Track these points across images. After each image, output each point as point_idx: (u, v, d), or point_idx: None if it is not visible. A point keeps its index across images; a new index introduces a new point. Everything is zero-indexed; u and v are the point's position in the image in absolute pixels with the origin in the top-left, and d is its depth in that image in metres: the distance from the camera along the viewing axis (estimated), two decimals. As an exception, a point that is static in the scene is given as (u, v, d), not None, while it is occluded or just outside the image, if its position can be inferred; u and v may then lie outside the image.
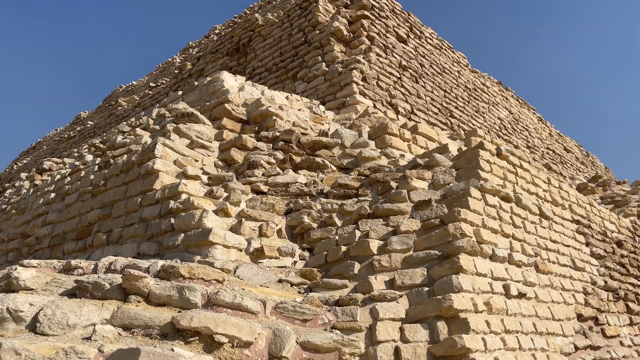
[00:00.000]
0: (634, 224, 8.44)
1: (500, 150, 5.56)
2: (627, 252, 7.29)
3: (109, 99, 19.45)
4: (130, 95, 18.04)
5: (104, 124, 15.81)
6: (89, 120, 18.30)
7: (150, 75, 20.82)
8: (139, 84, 19.87)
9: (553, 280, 5.02)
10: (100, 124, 16.15)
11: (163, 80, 16.64)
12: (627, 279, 6.74)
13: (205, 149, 6.13)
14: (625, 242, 7.42)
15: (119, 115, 15.34)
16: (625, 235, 7.64)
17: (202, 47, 15.74)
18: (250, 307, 3.29)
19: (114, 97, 19.56)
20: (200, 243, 4.31)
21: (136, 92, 18.64)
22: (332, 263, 4.58)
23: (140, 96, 15.59)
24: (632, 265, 7.11)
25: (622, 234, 7.54)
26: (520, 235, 4.95)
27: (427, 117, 10.17)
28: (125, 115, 14.98)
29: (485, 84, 13.71)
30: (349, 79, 8.88)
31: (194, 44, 19.63)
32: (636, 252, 7.65)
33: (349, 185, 5.65)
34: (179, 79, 13.81)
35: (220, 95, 7.02)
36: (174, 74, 14.75)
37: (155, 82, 17.44)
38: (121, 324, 2.98)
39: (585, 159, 18.32)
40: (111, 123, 15.33)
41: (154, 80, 18.75)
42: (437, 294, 3.79)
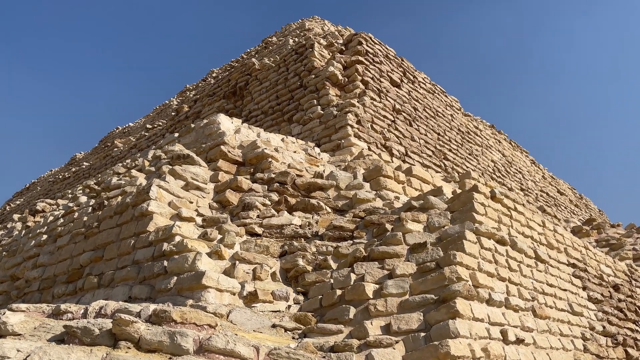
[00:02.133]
0: (630, 268, 8.41)
1: (494, 193, 5.60)
2: (624, 297, 7.23)
3: (105, 140, 19.57)
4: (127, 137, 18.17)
5: (99, 165, 15.83)
6: (84, 161, 18.33)
7: (147, 117, 21.05)
8: (136, 126, 20.06)
9: (551, 326, 4.95)
10: (95, 165, 16.18)
11: (160, 122, 16.81)
12: (625, 324, 6.65)
13: (201, 190, 6.13)
14: (622, 286, 7.36)
15: (114, 156, 15.40)
16: (622, 279, 7.60)
17: (200, 90, 16.01)
18: (243, 354, 3.20)
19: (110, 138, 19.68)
20: (193, 286, 4.24)
21: (133, 133, 18.78)
22: (327, 307, 4.50)
23: (136, 138, 15.71)
24: (629, 310, 7.03)
25: (618, 278, 7.50)
26: (516, 279, 4.92)
27: (421, 159, 10.27)
28: (121, 156, 15.03)
29: (478, 127, 13.93)
30: (344, 121, 9.01)
31: (192, 87, 19.97)
32: (633, 297, 7.59)
33: (344, 228, 5.63)
34: (175, 121, 13.96)
35: (217, 137, 7.08)
36: (171, 115, 14.92)
37: (152, 123, 17.61)
38: (110, 371, 2.88)
39: (578, 201, 18.43)
40: (107, 164, 15.36)
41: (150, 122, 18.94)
42: (434, 340, 3.72)
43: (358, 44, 10.81)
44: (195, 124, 8.01)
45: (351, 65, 10.40)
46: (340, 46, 11.36)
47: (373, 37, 11.30)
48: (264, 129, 10.20)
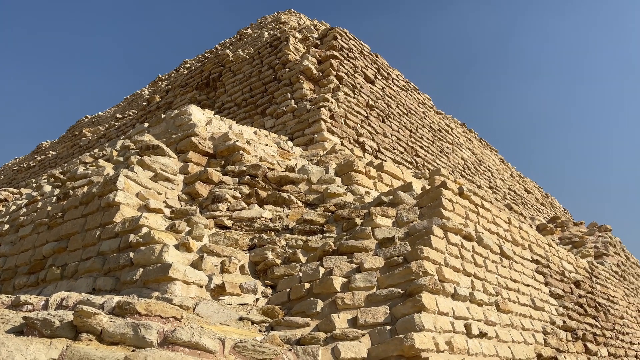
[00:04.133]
0: (591, 265, 8.68)
1: (462, 190, 5.69)
2: (585, 292, 7.47)
3: (73, 129, 19.08)
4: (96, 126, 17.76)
5: (66, 155, 15.43)
6: (50, 150, 17.83)
7: (117, 106, 20.60)
8: (105, 115, 19.61)
9: (513, 320, 5.07)
10: (62, 154, 15.76)
11: (130, 111, 16.48)
12: (585, 319, 6.87)
13: (170, 182, 6.04)
14: (583, 282, 7.60)
15: (82, 145, 15.03)
16: (583, 276, 7.84)
17: (172, 80, 15.75)
18: (208, 346, 3.18)
19: (78, 127, 19.20)
20: (160, 278, 4.18)
21: (102, 123, 18.36)
22: (295, 300, 4.51)
23: (105, 127, 15.36)
24: (589, 306, 7.27)
25: (579, 274, 7.73)
26: (481, 274, 5.02)
27: (393, 155, 10.36)
28: (89, 146, 14.68)
29: (449, 125, 14.13)
30: (318, 116, 9.01)
31: (164, 77, 19.62)
32: (593, 293, 7.85)
33: (314, 221, 5.64)
34: (146, 111, 13.71)
35: (187, 129, 6.98)
36: (142, 105, 14.64)
37: (122, 113, 17.25)
38: (70, 363, 2.83)
39: (544, 200, 18.91)
40: (74, 154, 14.99)
41: (120, 111, 18.55)
42: (399, 333, 3.77)
43: (333, 39, 10.81)
44: (166, 114, 7.87)
45: (326, 60, 10.40)
46: (315, 40, 11.34)
47: (348, 32, 11.31)
48: (236, 122, 10.11)
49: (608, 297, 8.48)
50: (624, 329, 8.33)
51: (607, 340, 7.22)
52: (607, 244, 10.48)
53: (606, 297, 8.38)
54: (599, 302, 7.78)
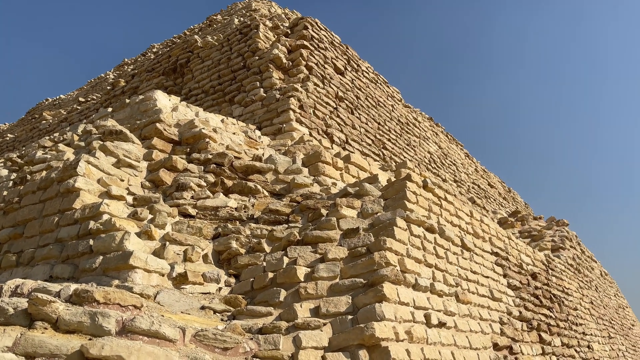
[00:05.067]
0: (548, 258, 8.99)
1: (426, 183, 5.78)
2: (541, 284, 7.73)
3: (32, 112, 18.41)
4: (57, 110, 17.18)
5: (25, 138, 14.89)
6: (8, 132, 17.18)
7: (80, 89, 19.98)
8: (68, 98, 19.00)
9: (472, 310, 5.21)
10: (21, 137, 15.20)
11: (94, 95, 16.01)
12: (540, 309, 7.12)
13: (133, 168, 5.92)
14: (539, 274, 7.87)
15: (42, 129, 14.54)
16: (540, 268, 8.11)
17: (138, 65, 15.37)
18: (168, 335, 3.15)
19: (38, 110, 18.54)
20: (120, 266, 4.11)
21: (64, 106, 17.78)
22: (258, 290, 4.51)
23: (67, 111, 14.89)
24: (544, 297, 7.53)
25: (536, 267, 8.00)
26: (442, 265, 5.13)
27: (361, 147, 10.43)
28: (49, 129, 14.21)
29: (417, 118, 14.30)
30: (286, 106, 8.97)
31: (130, 61, 19.13)
32: (549, 285, 8.13)
33: (280, 211, 5.64)
34: (110, 96, 13.35)
35: (152, 115, 6.84)
36: (106, 90, 14.25)
37: (85, 97, 16.74)
38: (24, 352, 2.76)
39: (507, 194, 19.41)
40: (33, 137, 14.48)
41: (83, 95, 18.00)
42: (361, 322, 3.83)
43: (304, 29, 10.75)
44: (130, 99, 7.69)
45: (296, 50, 10.34)
46: (285, 29, 11.25)
47: (319, 22, 11.27)
48: (204, 109, 9.97)
49: (563, 289, 8.80)
50: (578, 320, 8.68)
51: (561, 330, 7.51)
52: (564, 238, 10.86)
53: (561, 289, 8.70)
54: (554, 294, 8.07)
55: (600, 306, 11.24)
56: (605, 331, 10.52)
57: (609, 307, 12.31)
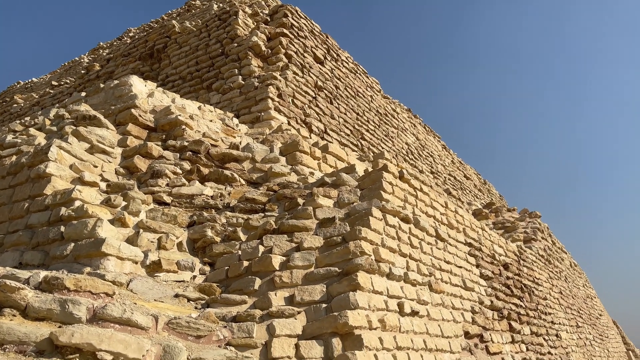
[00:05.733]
0: (520, 249, 9.18)
1: (402, 174, 5.83)
2: (512, 275, 7.90)
3: (4, 95, 17.88)
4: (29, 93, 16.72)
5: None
6: (-22, 115, 16.66)
7: (53, 73, 19.47)
8: (40, 82, 18.50)
9: (445, 299, 5.30)
10: (-9, 120, 14.77)
11: (67, 79, 15.63)
12: (511, 299, 7.29)
13: (107, 154, 5.82)
14: (511, 265, 8.04)
15: (13, 113, 14.14)
16: (512, 259, 8.29)
17: (114, 49, 15.03)
18: (140, 323, 3.13)
19: (9, 93, 18.01)
20: (92, 254, 4.04)
21: (36, 90, 17.32)
22: (233, 278, 4.51)
23: (40, 94, 14.51)
24: (515, 287, 7.70)
25: (508, 257, 8.16)
26: (416, 255, 5.20)
27: (340, 137, 10.44)
28: (20, 113, 13.84)
29: (395, 109, 14.36)
30: (265, 94, 8.91)
31: (106, 45, 18.71)
32: (520, 275, 8.32)
33: (257, 200, 5.62)
34: (85, 80, 13.05)
35: (127, 100, 6.72)
36: (80, 74, 13.92)
37: (58, 81, 16.33)
38: (-10, 340, 2.70)
39: (482, 186, 19.70)
40: (4, 121, 14.08)
41: (57, 78, 17.56)
42: (335, 311, 3.86)
43: (284, 16, 10.66)
44: (105, 84, 7.53)
45: (275, 37, 10.25)
46: (265, 16, 11.14)
47: (299, 10, 11.19)
48: (181, 96, 9.83)
49: (533, 279, 9.02)
50: (547, 309, 8.91)
51: (530, 319, 7.70)
52: (536, 230, 11.10)
53: (532, 279, 8.91)
54: (525, 284, 8.26)
55: (569, 296, 11.56)
56: (574, 320, 10.83)
57: (577, 297, 12.66)
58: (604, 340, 14.03)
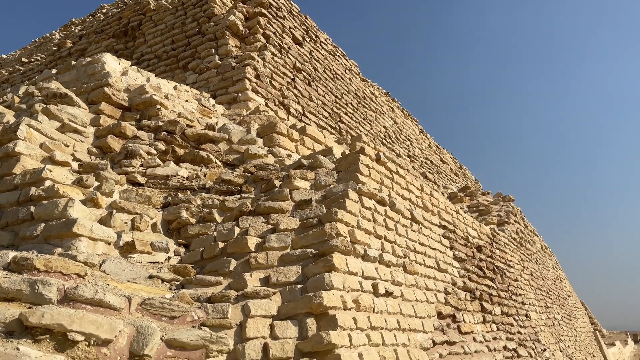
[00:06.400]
0: (493, 231, 9.36)
1: (379, 157, 5.86)
2: (485, 257, 8.07)
3: (-30, 71, 17.25)
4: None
5: (-38, 99, 13.98)
6: (-57, 92, 16.06)
7: (23, 49, 18.84)
8: (10, 58, 17.90)
9: (418, 281, 5.39)
10: (-43, 97, 14.25)
11: (38, 56, 15.14)
12: (483, 280, 7.45)
13: (79, 134, 5.68)
14: (484, 247, 8.20)
15: (-19, 90, 13.67)
16: (485, 241, 8.45)
17: (87, 26, 14.60)
18: (112, 303, 3.10)
19: (-23, 69, 17.38)
20: (63, 234, 3.97)
21: (5, 67, 16.75)
22: (208, 260, 4.49)
23: (9, 71, 14.05)
24: (488, 269, 7.87)
25: (482, 240, 8.32)
26: (392, 237, 5.25)
27: (318, 120, 10.40)
28: (-11, 90, 13.38)
29: (374, 93, 14.36)
30: (242, 74, 8.79)
31: (78, 22, 18.15)
32: (493, 257, 8.50)
33: (233, 182, 5.59)
34: (56, 57, 12.68)
35: (100, 78, 6.56)
36: (51, 51, 13.50)
37: (28, 57, 15.81)
38: (-44, 321, 2.65)
39: (458, 170, 19.96)
40: (-29, 98, 13.60)
41: (27, 55, 17.00)
42: (310, 292, 3.88)
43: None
44: (77, 61, 7.32)
45: (253, 17, 10.09)
46: (243, -5, 10.93)
47: (278, -10, 11.01)
48: (156, 75, 9.64)
49: (506, 261, 9.23)
50: (518, 290, 9.14)
51: (502, 300, 7.89)
52: (509, 213, 11.33)
53: (504, 261, 9.12)
54: (497, 266, 8.45)
55: (539, 278, 11.88)
56: (543, 301, 11.15)
57: (547, 279, 13.02)
58: (572, 320, 14.50)
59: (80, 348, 2.77)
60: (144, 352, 2.95)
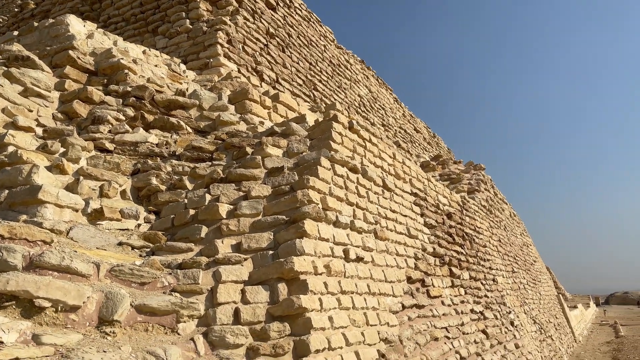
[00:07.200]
0: (463, 199, 9.55)
1: (352, 124, 5.85)
2: (455, 224, 8.25)
3: None
4: (-45, 31, 15.37)
5: None
6: None
7: (-18, 10, 17.91)
8: (-32, 19, 17.01)
9: (389, 246, 5.49)
10: None
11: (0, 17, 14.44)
12: (453, 246, 7.64)
13: (43, 98, 5.49)
14: (454, 214, 8.37)
15: (-62, 52, 13.01)
16: (455, 209, 8.62)
17: (50, -14, 13.94)
18: (80, 270, 3.07)
19: None
20: (28, 201, 3.88)
21: (-37, 27, 15.93)
22: (179, 227, 4.47)
23: (-33, 33, 13.37)
24: (457, 235, 8.06)
25: (452, 207, 8.49)
26: (363, 204, 5.31)
27: (292, 87, 10.29)
28: (-54, 53, 12.75)
29: (349, 61, 14.24)
30: (214, 39, 8.59)
31: (41, -19, 17.29)
32: (462, 224, 8.69)
33: (204, 149, 5.52)
34: (18, 19, 12.12)
35: (64, 41, 6.31)
36: (13, 12, 12.89)
37: (-12, 18, 15.06)
38: None
39: (431, 139, 20.14)
40: None
41: (-13, 16, 16.18)
42: (281, 257, 3.92)
43: (234, -43, 10.14)
44: (40, 23, 7.02)
45: (225, -20, 9.78)
46: (214, -43, 10.55)
47: (250, -48, 10.66)
48: (124, 39, 9.33)
49: (475, 228, 9.46)
50: (486, 256, 9.41)
51: (470, 265, 8.12)
52: (479, 181, 11.55)
53: (473, 228, 9.34)
54: (466, 232, 8.66)
55: (507, 244, 12.24)
56: (510, 266, 11.52)
57: (514, 245, 13.43)
58: (537, 284, 15.07)
59: (48, 314, 2.76)
60: (114, 318, 2.96)
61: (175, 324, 3.27)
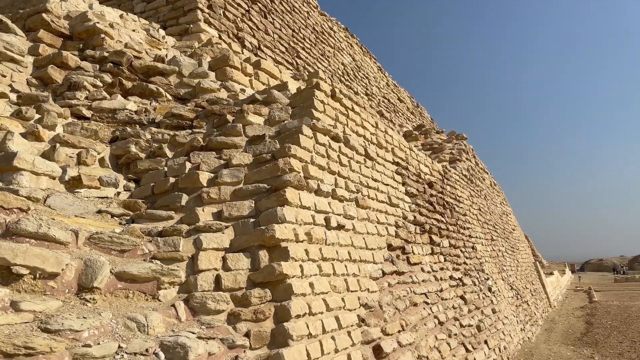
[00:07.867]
0: (445, 169, 9.64)
1: (334, 92, 5.81)
2: (436, 192, 8.34)
3: None
4: None
5: None
6: None
7: (-50, -31, 17.11)
8: None
9: (370, 215, 5.54)
10: None
11: (-33, -22, 13.82)
12: (433, 215, 7.74)
13: (16, 63, 5.33)
14: (435, 183, 8.45)
15: None
16: (436, 178, 8.70)
17: (21, -55, 13.34)
18: (58, 237, 3.05)
19: None
20: (3, 168, 3.81)
21: None
22: (159, 195, 4.44)
23: None
24: (438, 204, 8.16)
25: (433, 177, 8.57)
26: (345, 173, 5.32)
27: (274, 55, 10.12)
28: None
29: (332, 28, 14.02)
30: (194, 4, 8.36)
31: (11, -60, 16.52)
32: (443, 193, 8.79)
33: (184, 116, 5.44)
34: (-12, -21, 11.60)
35: (37, 3, 6.09)
36: (-18, -28, 12.34)
37: (-44, -21, 14.40)
38: None
39: (415, 109, 20.13)
40: None
41: (-45, -24, 15.48)
42: (262, 225, 3.93)
43: None
44: (10, -16, 6.74)
45: (205, -59, 9.45)
46: None
47: None
48: (100, 2, 9.03)
49: (455, 197, 9.58)
50: (465, 225, 9.57)
51: (450, 233, 8.26)
52: (461, 151, 11.64)
53: (454, 197, 9.46)
54: (447, 201, 8.77)
55: (487, 212, 12.45)
56: (489, 234, 11.75)
57: (494, 214, 13.67)
58: (515, 252, 15.42)
59: (26, 281, 2.74)
60: (93, 285, 2.95)
61: (156, 290, 3.28)
